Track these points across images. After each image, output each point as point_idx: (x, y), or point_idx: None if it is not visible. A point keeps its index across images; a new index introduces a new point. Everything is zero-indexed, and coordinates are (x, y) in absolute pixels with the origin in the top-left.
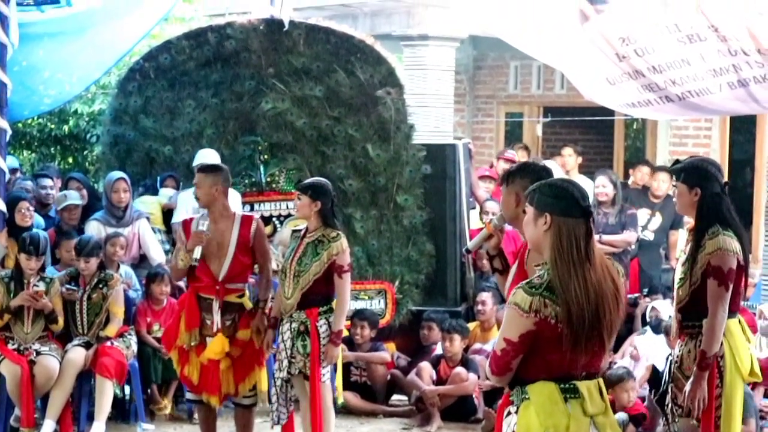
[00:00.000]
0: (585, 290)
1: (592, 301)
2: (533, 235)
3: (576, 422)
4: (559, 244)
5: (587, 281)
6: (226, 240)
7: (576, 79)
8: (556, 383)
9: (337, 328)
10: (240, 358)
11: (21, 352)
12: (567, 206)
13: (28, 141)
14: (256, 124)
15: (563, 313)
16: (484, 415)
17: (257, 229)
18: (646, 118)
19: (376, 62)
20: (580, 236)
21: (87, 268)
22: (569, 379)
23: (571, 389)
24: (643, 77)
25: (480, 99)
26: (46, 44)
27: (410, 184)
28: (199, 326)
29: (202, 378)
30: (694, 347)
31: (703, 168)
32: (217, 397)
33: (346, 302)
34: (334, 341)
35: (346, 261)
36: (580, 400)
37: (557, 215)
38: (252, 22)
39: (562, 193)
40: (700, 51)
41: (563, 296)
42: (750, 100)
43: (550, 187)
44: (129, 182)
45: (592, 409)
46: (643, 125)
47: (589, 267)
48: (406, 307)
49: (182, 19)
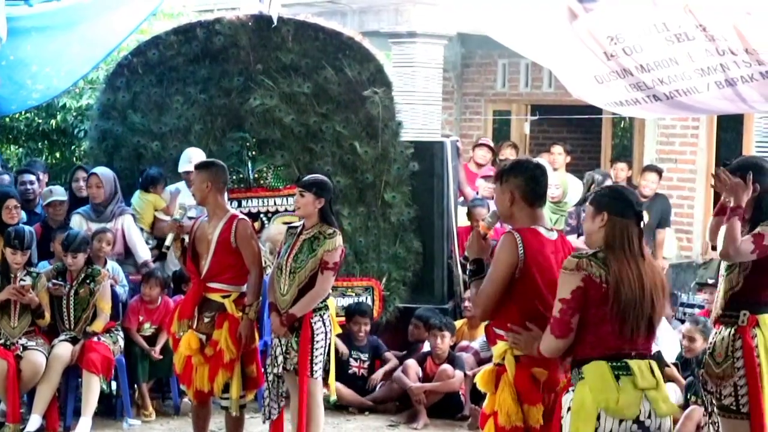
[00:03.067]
0: (638, 277)
1: (644, 287)
2: (589, 229)
3: (626, 395)
4: (612, 240)
5: (640, 270)
6: (211, 238)
7: (564, 78)
8: (607, 362)
9: (296, 313)
10: (213, 357)
11: (7, 347)
12: (623, 207)
13: (15, 136)
14: (244, 121)
15: (613, 283)
16: (470, 412)
17: (237, 228)
18: (634, 117)
19: (365, 59)
20: (632, 234)
21: (74, 264)
22: (621, 357)
23: (622, 367)
24: (631, 76)
25: (468, 97)
26: (34, 38)
27: (398, 181)
28: (189, 317)
29: (184, 370)
30: (728, 335)
31: (759, 164)
32: (191, 390)
33: (317, 296)
34: (283, 321)
35: (333, 259)
36: (631, 377)
37: (613, 214)
38: (240, 18)
39: (619, 195)
40: (688, 50)
41: (616, 275)
42: (737, 99)
43: (609, 190)
44: (104, 178)
45: (643, 383)
46: (631, 124)
47: (641, 260)
48: (394, 304)
49: (171, 15)
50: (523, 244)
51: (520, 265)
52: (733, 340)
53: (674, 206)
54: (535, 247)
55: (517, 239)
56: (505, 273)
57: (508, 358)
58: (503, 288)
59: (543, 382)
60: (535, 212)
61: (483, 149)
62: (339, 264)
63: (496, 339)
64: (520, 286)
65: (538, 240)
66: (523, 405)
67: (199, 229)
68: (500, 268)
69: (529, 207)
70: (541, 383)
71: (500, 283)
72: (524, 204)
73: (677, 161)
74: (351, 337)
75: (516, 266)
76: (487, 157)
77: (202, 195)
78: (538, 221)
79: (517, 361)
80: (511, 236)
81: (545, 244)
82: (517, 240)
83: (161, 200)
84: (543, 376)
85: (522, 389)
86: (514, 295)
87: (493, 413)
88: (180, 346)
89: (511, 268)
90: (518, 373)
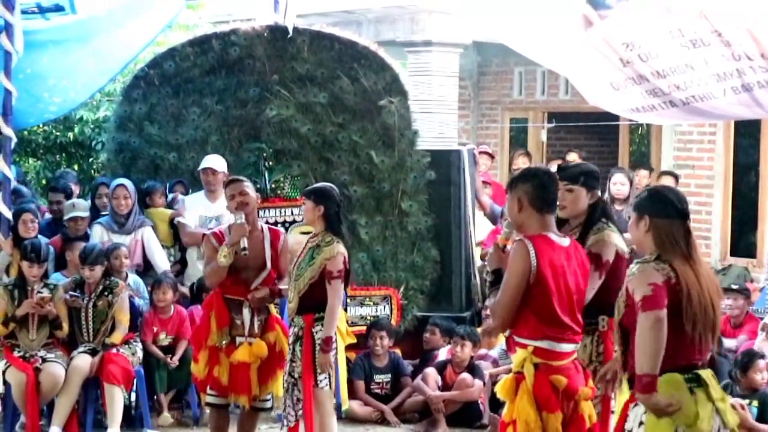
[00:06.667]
0: (698, 279)
1: (706, 291)
2: (636, 236)
3: (703, 409)
4: (662, 243)
5: (700, 272)
6: (258, 251)
7: (580, 85)
8: (680, 374)
9: (326, 335)
10: (266, 360)
11: (27, 359)
12: (663, 208)
13: (33, 148)
14: (260, 131)
15: (684, 286)
16: (489, 421)
17: (285, 242)
18: (651, 123)
19: (380, 68)
20: (679, 235)
21: (92, 276)
22: (691, 368)
23: (694, 378)
24: (647, 82)
25: (484, 105)
26: (50, 52)
27: (415, 190)
28: (228, 325)
29: (232, 378)
30: (591, 342)
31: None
32: (246, 397)
33: (334, 309)
34: (324, 348)
35: (336, 267)
36: (704, 388)
37: (654, 217)
38: (256, 28)
39: (657, 196)
40: (703, 56)
41: (682, 275)
42: (754, 104)
43: (648, 193)
44: (130, 189)
45: (715, 394)
46: (648, 130)
47: (697, 262)
48: (411, 312)
49: (186, 27)
50: (534, 250)
51: (533, 272)
52: (596, 346)
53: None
54: (547, 253)
55: (529, 246)
56: (519, 281)
57: (527, 366)
58: (518, 296)
59: (562, 390)
60: (544, 219)
61: (483, 157)
62: (344, 271)
63: (516, 347)
64: (535, 293)
65: (550, 246)
66: (542, 413)
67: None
68: (513, 276)
69: (538, 213)
70: (560, 391)
71: (515, 292)
72: (533, 210)
73: (694, 167)
74: (371, 356)
75: (529, 273)
76: (488, 164)
77: (253, 204)
78: (548, 228)
79: (536, 369)
80: (522, 244)
81: (557, 250)
82: (529, 247)
83: (165, 211)
84: (562, 384)
85: (540, 397)
86: (530, 303)
87: (512, 421)
88: (241, 356)
89: (525, 275)
90: (537, 381)
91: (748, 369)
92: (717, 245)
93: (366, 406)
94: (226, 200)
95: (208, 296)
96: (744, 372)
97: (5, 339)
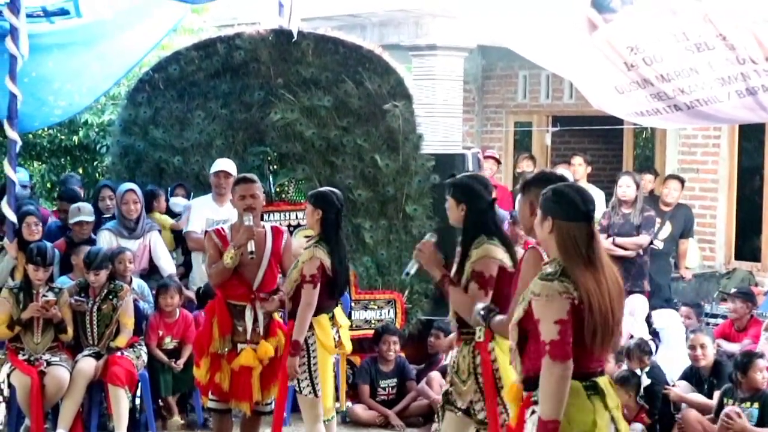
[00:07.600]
0: (599, 288)
1: (607, 298)
2: (540, 236)
3: (601, 418)
4: (564, 248)
5: (600, 279)
6: (260, 250)
7: (585, 88)
8: (579, 382)
9: (294, 339)
10: (268, 365)
11: (31, 362)
12: (568, 210)
13: (38, 152)
14: (265, 135)
15: (585, 299)
16: None
17: (287, 241)
18: (655, 127)
19: (385, 72)
20: (581, 239)
21: (96, 281)
22: (588, 376)
23: (592, 386)
24: (652, 86)
25: (489, 108)
26: (56, 55)
27: (419, 194)
28: (230, 333)
29: (233, 385)
30: (468, 352)
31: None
32: (248, 403)
33: (302, 313)
34: (290, 352)
35: (309, 271)
36: (601, 396)
37: (559, 219)
38: (261, 32)
39: (563, 198)
40: (708, 59)
41: (582, 288)
42: (758, 108)
43: (553, 193)
44: (139, 194)
45: (612, 403)
46: (652, 134)
47: (599, 267)
48: (416, 316)
49: (191, 30)
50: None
51: None
52: (473, 356)
53: (696, 216)
54: None
55: (543, 253)
56: None
57: None
58: None
59: None
60: None
61: (489, 161)
62: (318, 277)
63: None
64: None
65: None
66: None
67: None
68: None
69: None
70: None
71: None
72: None
73: (699, 171)
74: (378, 361)
75: None
76: (493, 169)
77: (261, 204)
78: None
79: None
80: (535, 251)
81: None
82: (543, 254)
83: (166, 219)
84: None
85: None
86: None
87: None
88: (245, 360)
89: None
90: None
91: (748, 369)
92: (721, 249)
93: (370, 410)
94: (233, 197)
95: (210, 301)
96: (744, 372)
97: (10, 342)
